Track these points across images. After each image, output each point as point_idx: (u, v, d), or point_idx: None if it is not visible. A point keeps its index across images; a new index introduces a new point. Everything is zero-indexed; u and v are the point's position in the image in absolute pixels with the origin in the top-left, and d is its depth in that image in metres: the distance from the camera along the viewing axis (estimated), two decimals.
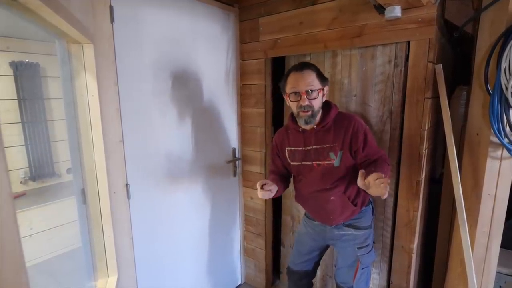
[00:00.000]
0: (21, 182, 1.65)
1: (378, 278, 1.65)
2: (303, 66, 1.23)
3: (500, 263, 1.49)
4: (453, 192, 1.34)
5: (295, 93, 1.21)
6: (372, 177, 1.04)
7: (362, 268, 1.37)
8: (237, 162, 2.03)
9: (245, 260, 2.22)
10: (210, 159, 1.84)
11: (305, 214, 1.55)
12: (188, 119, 1.66)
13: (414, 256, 1.49)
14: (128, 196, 1.38)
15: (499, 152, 1.30)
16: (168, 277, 1.66)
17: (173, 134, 1.59)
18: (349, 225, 1.37)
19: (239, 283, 2.23)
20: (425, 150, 1.38)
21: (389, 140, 1.49)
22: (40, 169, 1.69)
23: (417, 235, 1.47)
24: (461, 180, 1.35)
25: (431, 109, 1.37)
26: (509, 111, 1.20)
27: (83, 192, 1.21)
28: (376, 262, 1.64)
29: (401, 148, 1.44)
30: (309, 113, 1.22)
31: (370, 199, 1.42)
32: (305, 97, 1.19)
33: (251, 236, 2.14)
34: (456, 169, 1.32)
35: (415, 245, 1.48)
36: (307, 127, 1.29)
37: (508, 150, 1.24)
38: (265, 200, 1.99)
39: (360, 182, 1.07)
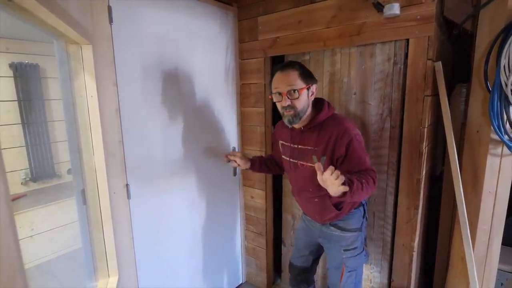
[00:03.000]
0: (21, 183, 1.65)
1: (379, 276, 1.65)
2: (284, 66, 1.21)
3: (502, 260, 1.49)
4: (454, 190, 1.34)
5: (278, 93, 1.20)
6: (327, 172, 0.96)
7: (349, 271, 1.34)
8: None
9: (246, 259, 2.23)
10: (211, 159, 1.84)
11: None
12: (187, 119, 1.66)
13: (415, 254, 1.48)
14: (128, 197, 1.39)
15: (499, 149, 1.29)
16: (169, 276, 1.66)
17: (173, 134, 1.59)
18: (335, 225, 1.34)
19: (240, 282, 2.23)
20: (425, 148, 1.38)
21: (389, 138, 1.49)
22: (41, 170, 1.70)
23: (417, 233, 1.47)
24: (462, 177, 1.35)
25: (430, 107, 1.37)
26: (509, 108, 1.20)
27: (83, 192, 1.21)
28: (377, 260, 1.64)
29: (401, 146, 1.44)
30: (292, 112, 1.19)
31: (363, 201, 1.38)
32: (286, 97, 1.18)
33: (252, 235, 2.14)
34: (456, 166, 1.31)
35: (416, 242, 1.48)
36: (294, 126, 1.28)
37: (508, 147, 1.23)
38: (266, 199, 1.99)
39: (318, 177, 1.00)
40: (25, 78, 1.64)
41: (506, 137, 1.22)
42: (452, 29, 1.47)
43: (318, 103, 1.29)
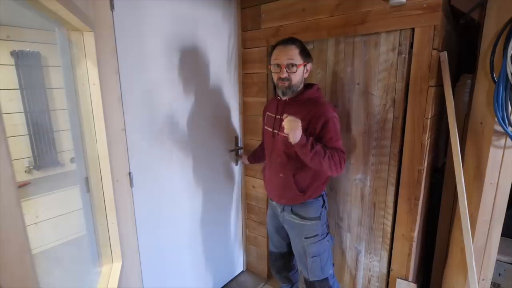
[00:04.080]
0: (25, 171, 1.67)
1: (379, 265, 1.67)
2: (287, 41, 1.30)
3: (500, 251, 1.50)
4: (455, 181, 1.34)
5: (277, 65, 1.29)
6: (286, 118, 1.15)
7: (312, 257, 1.44)
8: (239, 151, 2.03)
9: (247, 248, 2.26)
10: (213, 148, 1.85)
11: None
12: (190, 108, 1.66)
13: (414, 244, 1.50)
14: (131, 185, 1.40)
15: (502, 141, 1.29)
16: (171, 263, 1.70)
17: (175, 123, 1.60)
18: (296, 214, 1.44)
19: (241, 270, 2.27)
20: (427, 139, 1.37)
21: (392, 129, 1.48)
22: (44, 159, 1.71)
23: (417, 223, 1.48)
24: (464, 169, 1.35)
25: (434, 98, 1.36)
26: None
27: (87, 180, 1.22)
28: (376, 250, 1.66)
29: (403, 137, 1.44)
30: (287, 84, 1.29)
31: (322, 192, 1.46)
32: (285, 69, 1.27)
33: (253, 224, 2.16)
34: (458, 158, 1.31)
35: (416, 233, 1.49)
36: (284, 97, 1.37)
37: None
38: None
39: (283, 124, 1.17)
40: (27, 66, 1.64)
41: (510, 128, 1.21)
42: (459, 19, 1.45)
43: (309, 85, 1.39)
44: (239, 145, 2.03)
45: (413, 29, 1.32)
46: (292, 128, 1.15)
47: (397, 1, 1.26)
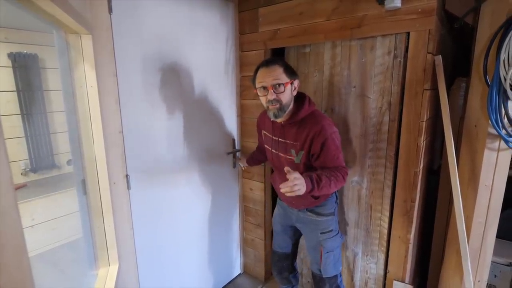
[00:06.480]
0: (22, 174, 1.66)
1: (375, 267, 1.68)
2: (270, 61, 1.28)
3: (496, 252, 1.51)
4: (451, 183, 1.35)
5: (263, 87, 1.26)
6: (290, 179, 1.07)
7: (327, 252, 1.44)
8: (237, 153, 2.04)
9: (244, 250, 2.26)
10: (210, 151, 1.85)
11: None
12: (187, 110, 1.66)
13: (410, 246, 1.51)
14: (128, 187, 1.40)
15: (496, 144, 1.30)
16: (168, 266, 1.69)
17: (172, 126, 1.60)
18: (312, 211, 1.44)
19: (238, 273, 2.27)
20: (423, 141, 1.39)
21: (388, 132, 1.50)
22: (41, 161, 1.70)
23: (414, 225, 1.49)
24: (459, 171, 1.36)
25: (430, 101, 1.38)
26: (507, 102, 1.20)
27: (84, 183, 1.22)
28: (373, 252, 1.67)
29: (399, 140, 1.45)
30: (277, 106, 1.26)
31: None
32: (272, 91, 1.24)
33: (251, 226, 2.16)
34: (453, 160, 1.33)
35: (412, 235, 1.50)
36: (277, 120, 1.35)
37: (506, 141, 1.24)
38: (264, 191, 2.01)
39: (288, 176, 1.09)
40: (24, 68, 1.64)
41: (503, 131, 1.23)
42: (453, 23, 1.46)
43: (299, 98, 1.34)
44: (237, 148, 2.03)
45: (408, 33, 1.34)
46: (298, 191, 1.09)
47: (392, 5, 1.28)
